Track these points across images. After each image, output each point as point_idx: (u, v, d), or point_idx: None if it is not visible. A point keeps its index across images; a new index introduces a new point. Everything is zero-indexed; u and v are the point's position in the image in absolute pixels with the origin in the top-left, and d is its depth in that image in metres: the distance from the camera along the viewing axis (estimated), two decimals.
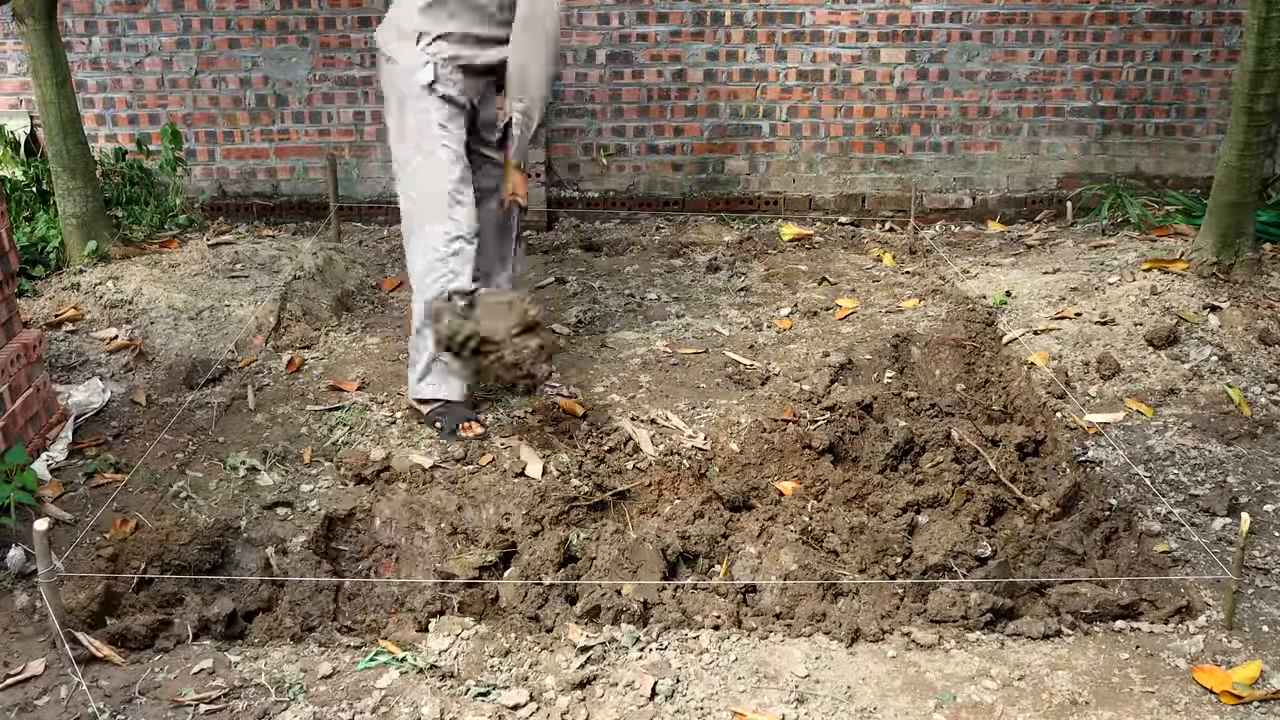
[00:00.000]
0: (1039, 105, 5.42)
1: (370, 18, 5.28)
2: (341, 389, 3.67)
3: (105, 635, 2.48)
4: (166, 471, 3.19)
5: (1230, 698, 2.27)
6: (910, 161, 5.52)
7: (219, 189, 5.54)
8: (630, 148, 5.49)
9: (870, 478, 3.18)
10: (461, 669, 2.41)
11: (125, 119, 5.44)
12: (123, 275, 4.09)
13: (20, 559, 2.73)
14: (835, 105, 5.43)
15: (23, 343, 3.20)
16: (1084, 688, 2.32)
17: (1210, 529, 2.87)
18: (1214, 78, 5.36)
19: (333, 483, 3.18)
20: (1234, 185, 3.79)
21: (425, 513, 3.05)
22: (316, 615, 2.69)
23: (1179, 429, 3.26)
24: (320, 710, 2.27)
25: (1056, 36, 5.31)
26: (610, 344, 4.07)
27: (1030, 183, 5.55)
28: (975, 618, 2.55)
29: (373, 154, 5.49)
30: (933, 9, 5.28)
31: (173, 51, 5.35)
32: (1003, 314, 4.03)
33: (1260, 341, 3.54)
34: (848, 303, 4.34)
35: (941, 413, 3.50)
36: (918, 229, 5.22)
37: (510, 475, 3.14)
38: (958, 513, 3.03)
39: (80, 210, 4.21)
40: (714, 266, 4.88)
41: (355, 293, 4.56)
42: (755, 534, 2.93)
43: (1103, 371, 3.51)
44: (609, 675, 2.37)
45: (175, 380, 3.67)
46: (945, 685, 2.34)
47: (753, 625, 2.58)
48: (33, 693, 2.32)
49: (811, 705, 2.28)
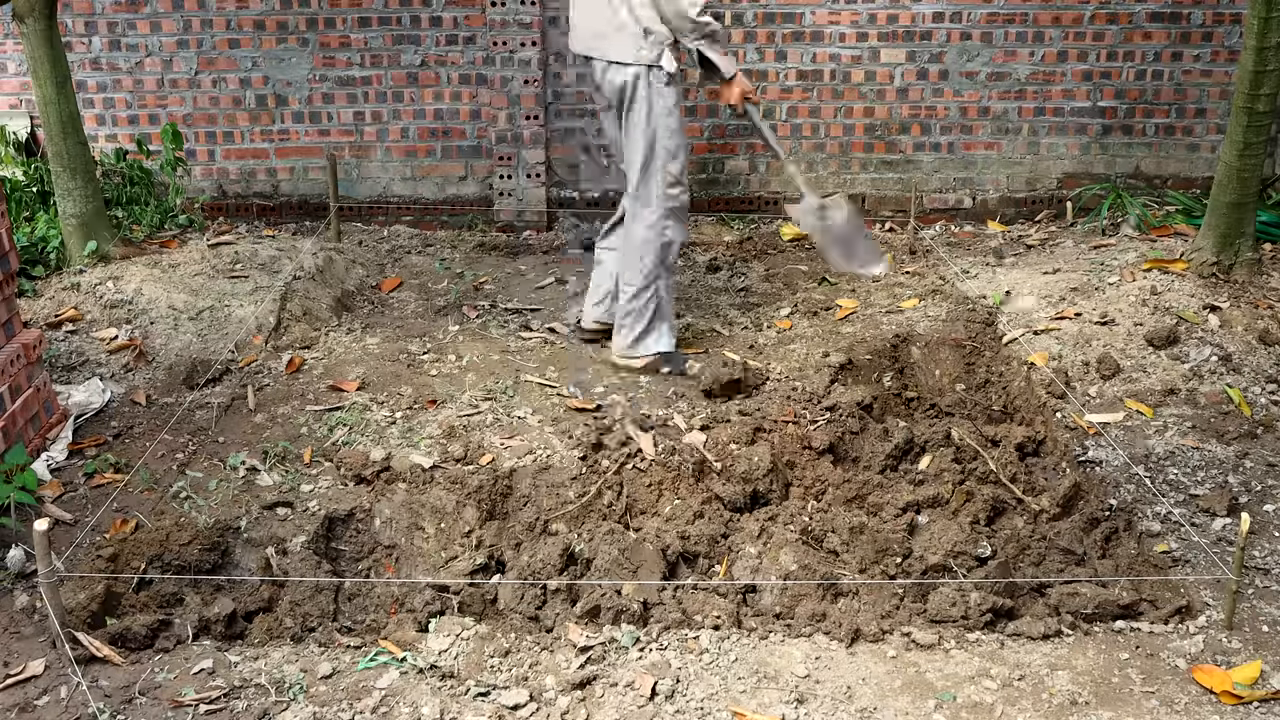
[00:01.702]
0: (1039, 105, 5.42)
1: (371, 18, 5.29)
2: (341, 389, 3.67)
3: (105, 635, 2.48)
4: (166, 471, 3.19)
5: (1230, 698, 2.27)
6: (910, 161, 5.52)
7: (219, 189, 5.54)
8: None
9: (870, 478, 3.18)
10: (461, 669, 2.41)
11: (125, 119, 5.44)
12: (123, 275, 4.09)
13: (20, 559, 2.73)
14: (835, 105, 5.43)
15: (23, 343, 3.20)
16: (1084, 688, 2.32)
17: (1210, 529, 2.87)
18: (1214, 78, 5.36)
19: (333, 483, 3.18)
20: (1234, 185, 3.79)
21: (425, 513, 3.06)
22: (316, 615, 2.69)
23: (1179, 429, 3.26)
24: (320, 710, 2.28)
25: (1056, 36, 5.31)
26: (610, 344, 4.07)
27: (1030, 183, 5.55)
28: (975, 618, 2.55)
29: (373, 154, 5.49)
30: (933, 9, 5.28)
31: (173, 51, 5.35)
32: (1003, 314, 4.03)
33: (1260, 341, 3.55)
34: (848, 303, 4.34)
35: (941, 413, 3.50)
36: (918, 229, 5.22)
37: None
38: (958, 513, 3.03)
39: (80, 210, 4.21)
40: (714, 266, 4.88)
41: (355, 293, 4.56)
42: (755, 534, 2.93)
43: (1103, 371, 3.51)
44: (609, 675, 2.37)
45: (175, 380, 3.67)
46: (945, 685, 2.34)
47: (753, 625, 2.58)
48: (33, 693, 2.32)
49: (811, 705, 2.28)
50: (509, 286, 4.73)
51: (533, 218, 5.48)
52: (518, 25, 5.22)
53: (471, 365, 3.89)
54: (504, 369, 3.86)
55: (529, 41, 5.23)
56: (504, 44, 5.25)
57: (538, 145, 5.39)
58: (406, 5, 5.28)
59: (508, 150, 5.40)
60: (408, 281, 4.76)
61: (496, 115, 5.35)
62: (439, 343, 4.08)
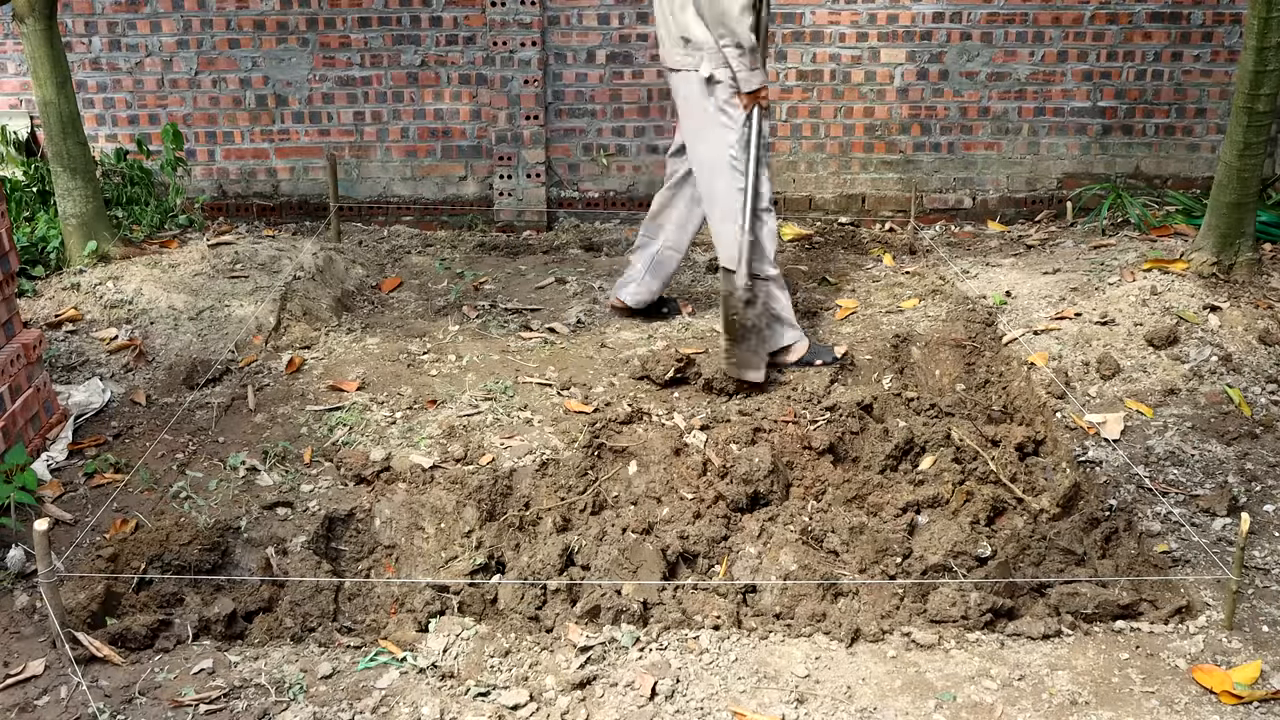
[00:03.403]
0: (1039, 105, 5.42)
1: (371, 18, 5.29)
2: (341, 389, 3.67)
3: (105, 635, 2.48)
4: (166, 471, 3.19)
5: (1230, 698, 2.27)
6: (910, 161, 5.52)
7: (219, 189, 5.54)
8: (630, 148, 5.49)
9: (870, 478, 3.18)
10: (461, 669, 2.41)
11: (125, 119, 5.45)
12: (123, 275, 4.09)
13: (20, 559, 2.73)
14: (835, 105, 5.43)
15: (23, 343, 3.20)
16: (1084, 688, 2.32)
17: (1210, 529, 2.87)
18: (1214, 78, 5.36)
19: (333, 483, 3.18)
20: (1234, 185, 3.79)
21: (425, 513, 3.06)
22: (316, 615, 2.69)
23: (1179, 429, 3.26)
24: (320, 710, 2.28)
25: (1056, 36, 5.31)
26: (610, 344, 4.07)
27: (1030, 183, 5.55)
28: (975, 618, 2.55)
29: (373, 154, 5.49)
30: (933, 9, 5.28)
31: (173, 51, 5.35)
32: (1003, 314, 4.03)
33: (1260, 341, 3.54)
34: (848, 303, 4.34)
35: (941, 413, 3.50)
36: (918, 229, 5.22)
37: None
38: (958, 513, 3.03)
39: (80, 210, 4.21)
40: (714, 267, 4.88)
41: (355, 293, 4.56)
42: (755, 534, 2.93)
43: (1103, 371, 3.51)
44: (609, 675, 2.37)
45: (175, 380, 3.67)
46: (945, 685, 2.34)
47: (753, 625, 2.58)
48: (33, 693, 2.32)
49: (811, 705, 2.28)
50: (509, 286, 4.73)
51: (533, 218, 5.49)
52: (518, 25, 5.22)
53: (471, 365, 3.89)
54: (504, 369, 3.85)
55: (529, 41, 5.23)
56: (504, 44, 5.25)
57: (538, 145, 5.39)
58: (406, 5, 5.29)
59: (508, 150, 5.40)
60: (408, 281, 4.76)
61: (496, 115, 5.35)
62: (439, 343, 4.08)
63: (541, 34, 5.25)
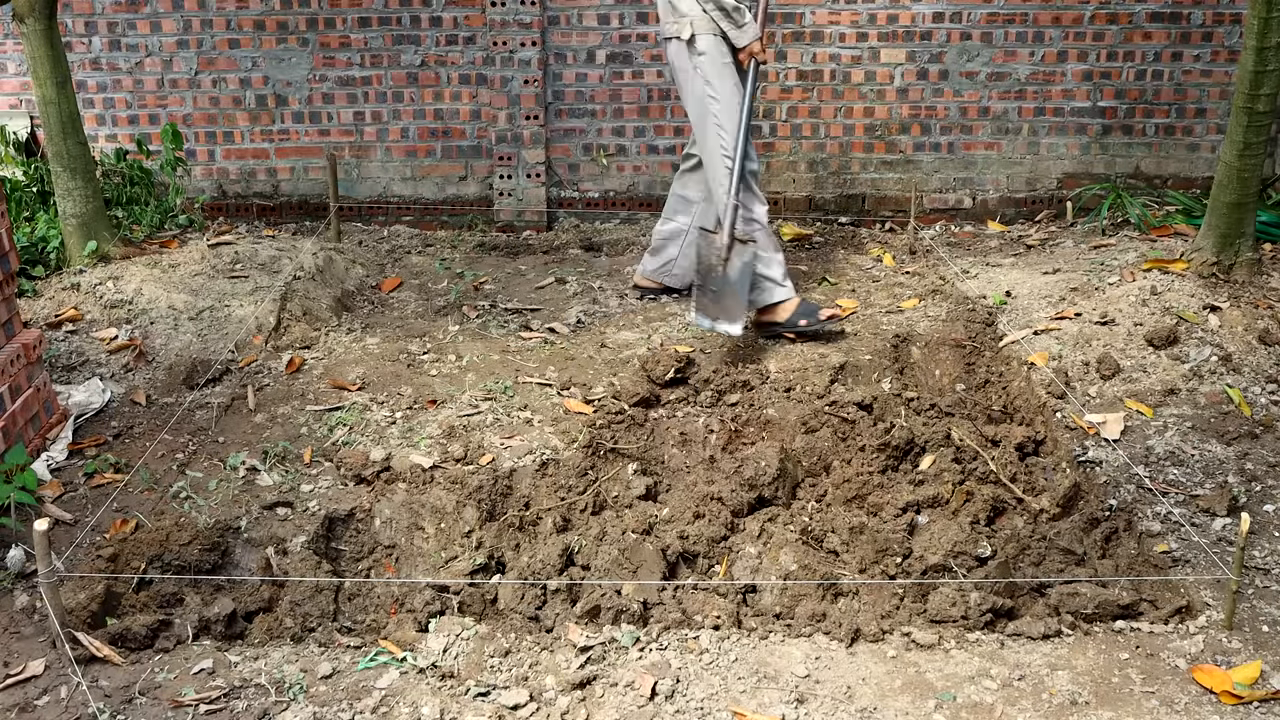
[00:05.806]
0: (1039, 105, 5.42)
1: (371, 18, 5.29)
2: (341, 389, 3.67)
3: (105, 635, 2.48)
4: (166, 471, 3.19)
5: (1230, 698, 2.27)
6: (910, 161, 5.52)
7: (219, 189, 5.54)
8: (630, 148, 5.49)
9: (870, 478, 3.18)
10: (461, 669, 2.41)
11: (125, 119, 5.45)
12: (123, 275, 4.09)
13: (20, 559, 2.73)
14: (835, 105, 5.43)
15: (23, 343, 3.20)
16: (1084, 688, 2.32)
17: (1210, 529, 2.87)
18: (1214, 78, 5.36)
19: (333, 483, 3.18)
20: (1234, 185, 3.79)
21: (425, 513, 3.05)
22: (316, 615, 2.69)
23: (1179, 429, 3.26)
24: (320, 710, 2.28)
25: (1056, 36, 5.31)
26: (610, 344, 4.07)
27: (1030, 183, 5.55)
28: (975, 618, 2.55)
29: (373, 154, 5.49)
30: (933, 9, 5.28)
31: (173, 51, 5.35)
32: (1003, 314, 4.03)
33: (1260, 341, 3.54)
34: (848, 303, 4.34)
35: (941, 413, 3.50)
36: (918, 229, 5.22)
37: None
38: (958, 513, 3.03)
39: (80, 210, 4.21)
40: None
41: (355, 293, 4.56)
42: (755, 534, 2.93)
43: (1103, 371, 3.51)
44: (609, 675, 2.37)
45: (175, 380, 3.67)
46: (945, 685, 2.34)
47: (753, 625, 2.58)
48: (33, 693, 2.32)
49: (811, 705, 2.28)
50: (509, 286, 4.73)
51: (533, 218, 5.49)
52: (518, 25, 5.22)
53: (471, 365, 3.89)
54: (504, 369, 3.85)
55: (529, 41, 5.23)
56: (504, 44, 5.25)
57: (538, 145, 5.39)
58: (406, 5, 5.29)
59: (508, 150, 5.40)
60: (408, 281, 4.76)
61: (496, 115, 5.35)
62: (439, 343, 4.08)
63: (541, 34, 5.25)
